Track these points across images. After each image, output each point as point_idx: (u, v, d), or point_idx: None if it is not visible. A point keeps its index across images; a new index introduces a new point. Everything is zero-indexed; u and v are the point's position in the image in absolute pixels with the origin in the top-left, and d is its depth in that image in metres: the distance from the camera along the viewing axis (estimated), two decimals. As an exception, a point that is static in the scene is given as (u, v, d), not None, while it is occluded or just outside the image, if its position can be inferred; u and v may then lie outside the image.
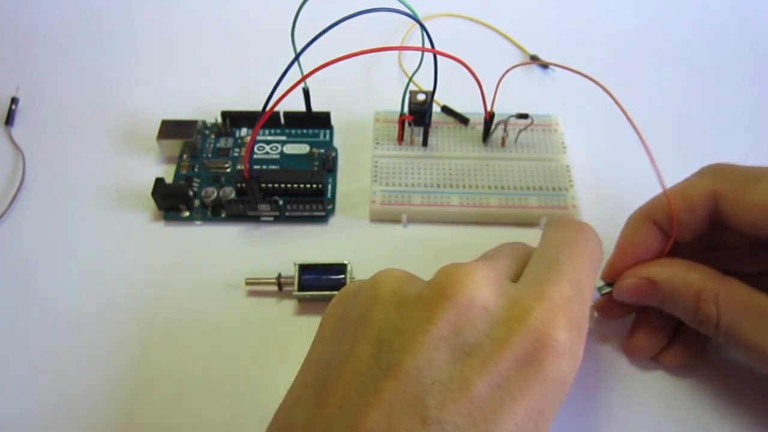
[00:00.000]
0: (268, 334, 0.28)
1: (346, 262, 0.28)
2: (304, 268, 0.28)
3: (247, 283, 0.29)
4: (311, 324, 0.23)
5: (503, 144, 0.34)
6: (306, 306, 0.29)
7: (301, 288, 0.28)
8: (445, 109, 0.35)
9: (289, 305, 0.29)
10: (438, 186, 0.32)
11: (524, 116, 0.33)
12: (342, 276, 0.28)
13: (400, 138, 0.34)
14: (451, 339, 0.18)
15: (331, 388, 0.18)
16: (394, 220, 0.32)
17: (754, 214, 0.23)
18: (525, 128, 0.34)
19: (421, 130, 0.33)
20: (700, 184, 0.24)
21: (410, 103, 0.32)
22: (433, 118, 0.34)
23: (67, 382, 0.26)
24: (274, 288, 0.28)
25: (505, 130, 0.33)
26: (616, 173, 0.34)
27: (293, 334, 0.28)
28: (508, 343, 0.18)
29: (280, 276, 0.28)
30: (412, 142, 0.34)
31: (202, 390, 0.26)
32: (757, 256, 0.25)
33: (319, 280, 0.28)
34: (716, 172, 0.24)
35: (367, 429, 0.16)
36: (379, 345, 0.18)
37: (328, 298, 0.27)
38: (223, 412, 0.25)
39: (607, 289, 0.26)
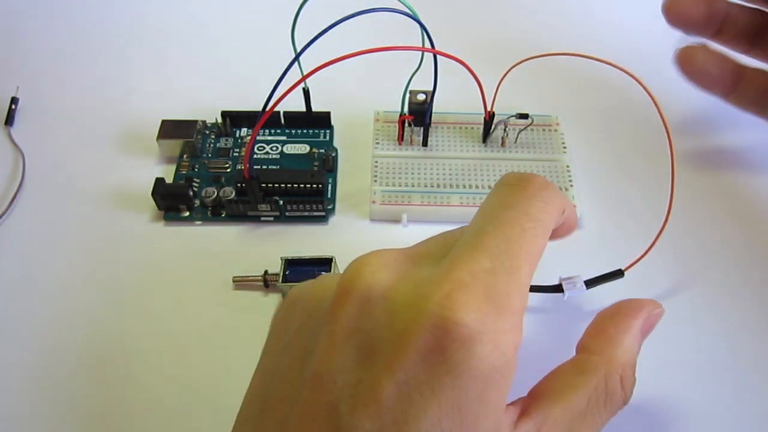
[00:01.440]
0: (262, 331, 0.28)
1: (331, 256, 0.28)
2: (290, 263, 0.28)
3: (235, 281, 0.29)
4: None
5: (503, 144, 0.34)
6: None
7: (285, 281, 0.28)
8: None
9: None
10: (438, 186, 0.32)
11: (524, 116, 0.33)
12: (327, 270, 0.28)
13: (400, 138, 0.34)
14: (355, 337, 0.17)
15: (271, 403, 0.18)
16: (395, 219, 0.32)
17: None
18: (525, 128, 0.34)
19: (421, 130, 0.33)
20: None
21: (410, 102, 0.32)
22: (433, 118, 0.34)
23: (66, 381, 0.26)
24: (261, 284, 0.28)
25: (505, 130, 0.33)
26: (617, 173, 0.34)
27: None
28: (409, 334, 0.16)
29: (266, 273, 0.28)
30: (412, 142, 0.34)
31: (195, 385, 0.26)
32: None
33: (303, 273, 0.28)
34: None
35: None
36: (304, 356, 0.18)
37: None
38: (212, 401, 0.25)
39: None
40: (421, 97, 0.32)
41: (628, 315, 0.21)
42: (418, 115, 0.32)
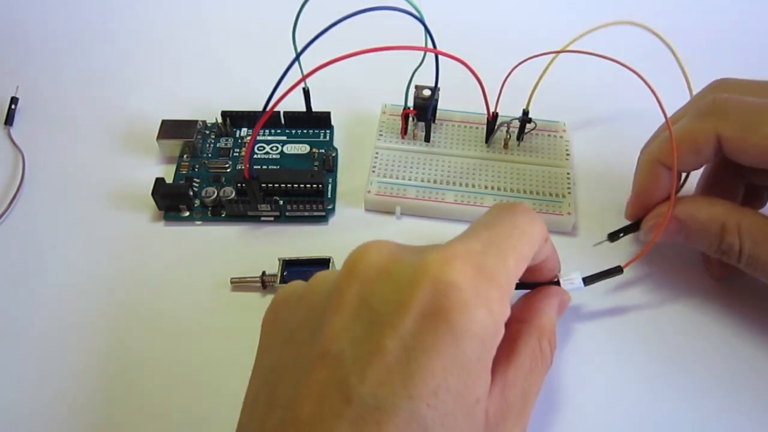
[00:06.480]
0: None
1: (329, 256, 0.28)
2: (288, 264, 0.28)
3: (232, 282, 0.29)
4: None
5: (505, 146, 0.34)
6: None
7: (283, 282, 0.28)
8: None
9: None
10: (435, 182, 0.32)
11: (528, 120, 0.33)
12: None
13: (404, 132, 0.34)
14: (363, 313, 0.18)
15: (276, 392, 0.18)
16: (388, 211, 0.32)
17: (757, 157, 0.24)
18: (528, 131, 0.33)
19: (424, 125, 0.33)
20: (703, 128, 0.25)
21: (415, 97, 0.32)
22: (439, 115, 0.34)
23: (66, 380, 0.26)
24: (259, 285, 0.28)
25: (507, 131, 0.33)
26: (618, 185, 0.34)
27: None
28: (411, 299, 0.17)
29: (264, 274, 0.28)
30: (415, 137, 0.34)
31: (192, 382, 0.26)
32: None
33: (301, 274, 0.28)
34: (718, 114, 0.25)
35: (301, 421, 0.17)
36: (312, 342, 0.18)
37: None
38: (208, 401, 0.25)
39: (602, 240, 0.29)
40: (426, 92, 0.32)
41: (548, 294, 0.24)
42: (422, 110, 0.32)
